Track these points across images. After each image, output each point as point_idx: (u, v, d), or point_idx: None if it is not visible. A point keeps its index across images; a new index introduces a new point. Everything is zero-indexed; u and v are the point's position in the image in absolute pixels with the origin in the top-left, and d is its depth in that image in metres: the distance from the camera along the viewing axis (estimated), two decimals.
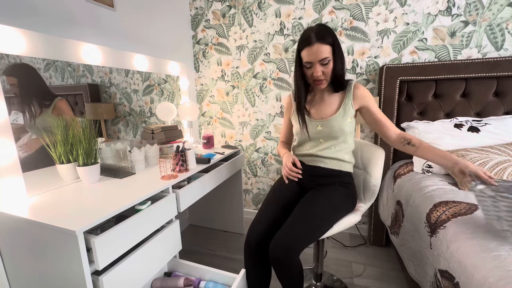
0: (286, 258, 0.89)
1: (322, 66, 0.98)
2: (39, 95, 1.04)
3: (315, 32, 0.96)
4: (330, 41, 0.95)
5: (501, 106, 1.44)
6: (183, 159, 1.21)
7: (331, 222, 0.99)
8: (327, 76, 1.00)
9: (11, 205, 0.85)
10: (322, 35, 0.95)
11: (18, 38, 0.88)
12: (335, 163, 1.08)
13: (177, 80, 1.85)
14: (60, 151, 1.00)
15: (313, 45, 0.95)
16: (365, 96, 1.06)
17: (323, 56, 0.95)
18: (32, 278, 0.83)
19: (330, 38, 0.95)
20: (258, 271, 1.03)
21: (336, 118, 1.05)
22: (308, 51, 0.97)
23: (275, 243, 0.91)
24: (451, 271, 0.77)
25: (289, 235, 0.91)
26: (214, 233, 2.01)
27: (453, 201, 1.01)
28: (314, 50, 0.95)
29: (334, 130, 1.05)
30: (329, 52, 0.96)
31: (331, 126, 1.06)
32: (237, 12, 1.91)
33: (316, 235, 0.95)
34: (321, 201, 1.00)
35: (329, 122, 1.06)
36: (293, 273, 0.93)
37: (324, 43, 0.95)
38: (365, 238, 1.83)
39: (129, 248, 0.85)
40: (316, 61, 0.96)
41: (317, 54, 0.95)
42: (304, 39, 0.98)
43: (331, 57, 0.97)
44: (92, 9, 1.26)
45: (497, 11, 1.42)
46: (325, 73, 0.99)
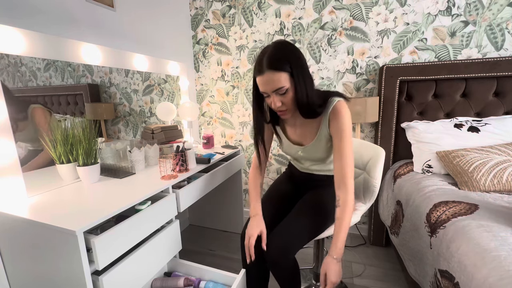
0: (282, 259, 0.89)
1: (279, 96, 0.83)
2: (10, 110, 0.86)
3: (267, 56, 0.80)
4: (286, 67, 0.79)
5: (501, 106, 1.44)
6: (183, 159, 1.21)
7: (326, 223, 0.99)
8: (288, 105, 0.86)
9: (11, 205, 0.85)
10: (275, 61, 0.79)
11: (18, 38, 0.88)
12: (327, 172, 1.08)
13: (177, 80, 1.85)
14: (60, 151, 1.00)
15: (263, 73, 0.80)
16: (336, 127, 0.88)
17: (276, 86, 0.80)
18: (32, 278, 0.83)
19: (286, 63, 0.79)
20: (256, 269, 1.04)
21: (313, 145, 0.98)
22: (260, 80, 0.83)
23: (271, 243, 0.91)
24: (451, 271, 0.77)
25: (284, 237, 0.91)
26: (214, 233, 2.01)
27: (453, 201, 1.01)
28: (265, 79, 0.81)
29: (314, 156, 1.01)
30: (285, 80, 0.80)
31: (311, 153, 1.00)
32: (237, 12, 1.91)
33: (311, 236, 0.96)
34: (315, 203, 1.00)
35: (307, 149, 1.00)
36: (290, 273, 0.94)
37: (278, 71, 0.79)
38: (365, 238, 1.83)
39: (129, 248, 0.85)
40: (270, 91, 0.82)
41: (270, 84, 0.81)
42: (256, 65, 0.83)
43: (288, 86, 0.81)
44: (92, 9, 1.26)
45: (497, 11, 1.42)
46: (285, 103, 0.85)
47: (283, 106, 0.86)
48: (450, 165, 1.25)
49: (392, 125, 1.59)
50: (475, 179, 1.13)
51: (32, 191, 0.94)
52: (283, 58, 0.80)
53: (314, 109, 0.87)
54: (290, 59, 0.80)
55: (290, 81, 0.81)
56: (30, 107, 1.02)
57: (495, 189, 1.10)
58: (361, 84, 1.73)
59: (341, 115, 0.87)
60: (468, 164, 1.18)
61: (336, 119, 0.87)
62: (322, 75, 1.80)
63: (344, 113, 0.87)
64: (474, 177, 1.13)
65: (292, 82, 0.81)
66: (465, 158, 1.22)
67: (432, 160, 1.36)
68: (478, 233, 0.79)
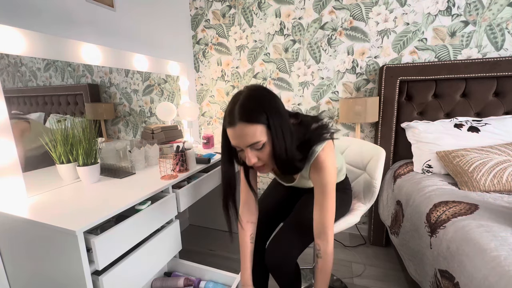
0: (283, 265, 0.89)
1: (255, 151, 0.71)
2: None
3: (240, 106, 0.67)
4: (262, 118, 0.67)
5: (501, 106, 1.44)
6: (183, 159, 1.21)
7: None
8: (266, 160, 0.73)
9: (11, 205, 0.85)
10: (249, 112, 0.67)
11: (18, 38, 0.88)
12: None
13: (177, 80, 1.85)
14: (60, 151, 1.00)
15: (235, 126, 0.67)
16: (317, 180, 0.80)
17: (251, 141, 0.68)
18: (32, 278, 0.83)
19: (262, 113, 0.67)
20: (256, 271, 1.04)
21: (298, 182, 0.94)
22: (232, 134, 0.70)
23: (270, 250, 0.90)
24: (451, 271, 0.77)
25: (284, 242, 0.90)
26: (214, 233, 2.01)
27: (453, 201, 1.01)
28: (238, 133, 0.68)
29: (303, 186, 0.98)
30: (261, 134, 0.67)
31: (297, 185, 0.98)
32: (237, 12, 1.91)
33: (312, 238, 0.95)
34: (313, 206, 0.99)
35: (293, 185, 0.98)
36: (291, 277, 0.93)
37: (252, 123, 0.66)
38: (365, 238, 1.83)
39: (129, 248, 0.85)
40: (244, 146, 0.70)
41: (243, 138, 0.68)
42: (226, 115, 0.70)
43: (265, 139, 0.69)
44: (92, 9, 1.26)
45: (497, 11, 1.42)
46: (262, 158, 0.73)
47: (259, 162, 0.74)
48: (450, 165, 1.26)
49: (392, 125, 1.59)
50: (475, 179, 1.13)
51: (32, 191, 0.94)
52: (258, 108, 0.67)
53: (294, 165, 0.76)
54: (266, 108, 0.67)
55: (267, 134, 0.69)
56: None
57: (495, 189, 1.10)
58: (361, 84, 1.73)
59: (323, 169, 0.77)
60: (468, 164, 1.18)
61: (318, 172, 0.78)
62: (322, 75, 1.80)
63: (326, 165, 0.77)
64: (474, 177, 1.13)
65: (269, 135, 0.69)
66: (465, 158, 1.22)
67: (432, 160, 1.36)
68: (478, 233, 0.79)
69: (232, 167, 0.82)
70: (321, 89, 1.82)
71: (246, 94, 0.70)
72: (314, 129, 0.79)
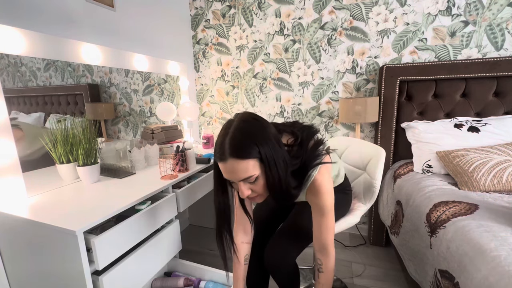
0: (282, 266, 0.89)
1: (248, 184, 0.68)
2: None
3: (230, 140, 0.63)
4: (254, 152, 0.63)
5: (501, 106, 1.44)
6: (183, 159, 1.21)
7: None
8: (260, 191, 0.71)
9: (11, 205, 0.85)
10: (240, 147, 0.63)
11: (18, 38, 0.88)
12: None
13: (177, 80, 1.85)
14: (60, 151, 1.00)
15: (226, 161, 0.64)
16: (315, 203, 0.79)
17: (243, 176, 0.65)
18: (32, 278, 0.83)
19: (253, 147, 0.63)
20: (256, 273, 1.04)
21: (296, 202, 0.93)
22: (223, 168, 0.67)
23: (268, 253, 0.91)
24: (451, 271, 0.77)
25: (282, 245, 0.90)
26: (214, 233, 2.00)
27: (453, 201, 1.01)
28: (229, 168, 0.65)
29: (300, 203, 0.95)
30: (253, 168, 0.64)
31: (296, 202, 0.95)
32: (237, 12, 1.91)
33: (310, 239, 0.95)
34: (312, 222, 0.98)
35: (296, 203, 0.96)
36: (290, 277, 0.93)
37: (244, 159, 0.63)
38: (365, 238, 1.83)
39: (129, 248, 0.85)
40: (237, 180, 0.67)
41: (235, 174, 0.65)
42: (217, 148, 0.66)
43: (258, 173, 0.66)
44: (92, 9, 1.26)
45: (497, 11, 1.42)
46: (256, 190, 0.70)
47: (253, 193, 0.71)
48: (450, 165, 1.25)
49: (392, 125, 1.59)
50: (475, 179, 1.13)
51: (32, 191, 0.94)
52: (249, 142, 0.64)
53: (290, 193, 0.73)
54: (258, 141, 0.64)
55: (260, 167, 0.66)
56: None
57: (495, 189, 1.10)
58: (361, 84, 1.73)
59: (320, 193, 0.75)
60: (468, 164, 1.18)
61: (315, 196, 0.77)
62: (322, 75, 1.80)
63: (323, 189, 0.75)
64: (474, 177, 1.13)
65: (262, 168, 0.66)
66: (465, 158, 1.21)
67: (432, 160, 1.36)
68: (478, 233, 0.79)
69: (225, 196, 0.78)
70: (321, 89, 1.82)
71: (236, 127, 0.66)
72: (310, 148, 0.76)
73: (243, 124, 0.67)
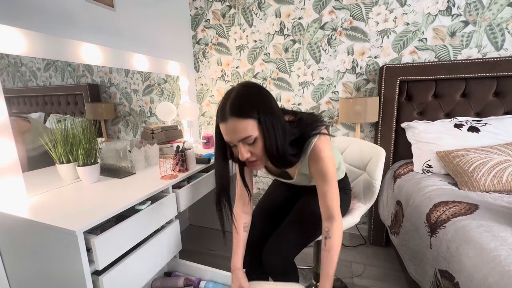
0: (281, 266, 0.90)
1: (247, 145, 0.72)
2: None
3: (231, 102, 0.69)
4: (253, 114, 0.68)
5: (501, 106, 1.44)
6: (183, 159, 1.21)
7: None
8: (259, 156, 0.74)
9: (11, 205, 0.85)
10: (241, 107, 0.68)
11: (18, 38, 0.88)
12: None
13: (177, 80, 1.85)
14: (60, 151, 1.00)
15: (227, 121, 0.69)
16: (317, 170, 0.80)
17: (242, 136, 0.69)
18: (32, 278, 0.83)
19: (253, 108, 0.68)
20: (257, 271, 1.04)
21: (297, 179, 0.93)
22: (224, 129, 0.71)
23: (268, 251, 0.91)
24: (451, 271, 0.77)
25: (282, 243, 0.90)
26: (214, 233, 2.01)
27: (453, 201, 1.01)
28: (230, 128, 0.70)
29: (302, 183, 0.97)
30: (252, 129, 0.69)
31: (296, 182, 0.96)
32: (237, 12, 1.91)
33: (309, 239, 0.95)
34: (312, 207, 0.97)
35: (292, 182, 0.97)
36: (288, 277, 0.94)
37: (243, 118, 0.68)
38: (365, 238, 1.83)
39: (129, 248, 0.85)
40: (236, 140, 0.71)
41: (235, 133, 0.70)
42: (219, 110, 0.72)
43: (257, 134, 0.70)
44: (92, 9, 1.26)
45: (497, 11, 1.42)
46: (255, 153, 0.73)
47: (252, 157, 0.74)
48: (450, 165, 1.26)
49: (392, 125, 1.59)
50: (475, 179, 1.13)
51: (32, 191, 0.94)
52: (249, 103, 0.69)
53: (286, 159, 0.76)
54: (257, 104, 0.69)
55: (258, 129, 0.70)
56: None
57: (495, 189, 1.10)
58: (361, 84, 1.73)
59: (320, 158, 0.77)
60: (468, 164, 1.18)
61: (316, 163, 0.79)
62: (322, 75, 1.80)
63: (324, 154, 0.77)
64: (474, 177, 1.13)
65: (260, 130, 0.70)
66: (465, 158, 1.21)
67: (432, 160, 1.36)
68: (478, 233, 0.79)
69: (226, 164, 0.82)
70: (321, 89, 1.82)
71: (238, 91, 0.71)
72: (310, 123, 0.80)
73: (245, 89, 0.72)
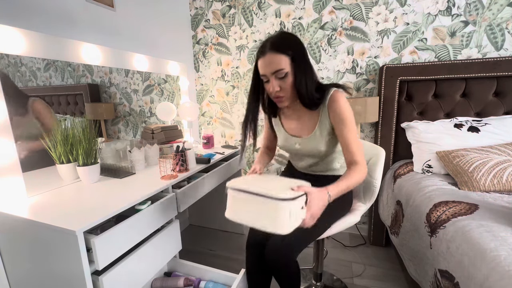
0: (283, 263, 0.89)
1: (278, 80, 0.84)
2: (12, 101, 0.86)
3: (271, 40, 0.83)
4: (289, 52, 0.81)
5: (501, 106, 1.44)
6: (183, 159, 1.21)
7: (326, 224, 0.98)
8: (287, 92, 0.86)
9: (11, 205, 0.85)
10: (278, 44, 0.82)
11: (18, 38, 0.88)
12: (326, 171, 1.06)
13: (177, 80, 1.85)
14: (60, 151, 1.00)
15: (265, 54, 0.82)
16: (335, 116, 0.88)
17: (276, 68, 0.81)
18: (32, 278, 0.83)
19: (288, 48, 0.82)
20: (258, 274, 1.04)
21: (312, 137, 0.96)
22: (261, 63, 0.84)
23: (270, 247, 0.91)
24: (451, 271, 0.77)
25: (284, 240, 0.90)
26: (214, 233, 2.01)
27: (453, 201, 1.01)
28: (266, 61, 0.83)
29: (312, 150, 0.97)
30: (285, 63, 0.81)
31: (308, 146, 0.97)
32: (237, 12, 1.91)
33: (311, 238, 0.95)
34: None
35: (305, 141, 0.98)
36: (291, 275, 0.93)
37: (279, 53, 0.81)
38: (365, 238, 1.83)
39: (129, 248, 0.85)
40: (269, 73, 0.83)
41: (270, 66, 0.82)
42: (259, 48, 0.86)
43: (289, 70, 0.82)
44: (92, 9, 1.26)
45: (497, 11, 1.42)
46: (284, 88, 0.85)
47: (281, 92, 0.86)
48: (450, 165, 1.26)
49: (392, 125, 1.59)
50: (475, 179, 1.13)
51: (32, 191, 0.94)
52: (286, 42, 0.83)
53: (313, 98, 0.88)
54: (292, 46, 0.83)
55: (290, 66, 0.82)
56: (30, 100, 0.97)
57: (495, 189, 1.10)
58: (361, 84, 1.73)
59: (339, 104, 0.87)
60: (468, 164, 1.18)
61: (335, 108, 0.87)
62: (322, 75, 1.80)
63: (341, 101, 0.87)
64: (474, 177, 1.13)
65: (292, 67, 0.82)
66: (465, 158, 1.22)
67: (432, 160, 1.36)
68: (478, 233, 0.79)
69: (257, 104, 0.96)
70: None
71: (279, 32, 0.86)
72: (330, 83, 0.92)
73: (283, 33, 0.86)
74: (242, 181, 0.81)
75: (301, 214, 0.71)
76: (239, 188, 0.76)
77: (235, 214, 0.78)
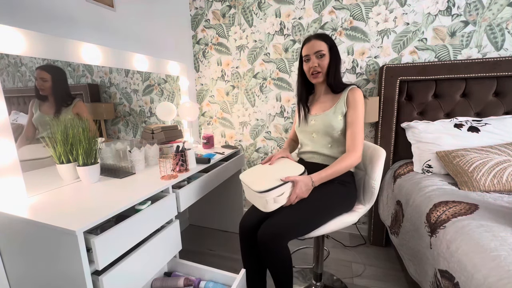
0: (273, 244, 0.92)
1: (317, 59, 1.09)
2: (64, 94, 1.14)
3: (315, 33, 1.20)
4: (328, 41, 1.09)
5: (501, 106, 1.44)
6: (183, 159, 1.21)
7: (324, 217, 1.00)
8: (323, 68, 1.09)
9: (11, 205, 0.85)
10: (321, 35, 1.11)
11: (18, 38, 0.88)
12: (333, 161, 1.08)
13: (177, 80, 1.85)
14: (60, 151, 1.00)
15: (310, 40, 1.10)
16: (351, 101, 1.08)
17: (318, 49, 1.07)
18: (32, 278, 0.83)
19: (328, 39, 1.09)
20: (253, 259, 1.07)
21: (327, 114, 1.12)
22: (306, 46, 1.11)
23: (263, 228, 0.95)
24: (451, 271, 0.77)
25: (278, 222, 0.94)
26: (214, 233, 2.01)
27: (453, 201, 1.01)
28: (311, 44, 1.09)
29: (324, 124, 1.12)
30: (325, 48, 1.08)
31: (322, 120, 1.13)
32: (237, 12, 1.91)
33: (307, 227, 0.97)
34: (316, 196, 1.00)
35: (320, 117, 1.14)
36: (280, 259, 0.95)
37: (321, 40, 1.08)
38: (365, 238, 1.83)
39: (129, 248, 0.85)
40: (312, 53, 1.09)
41: (313, 47, 1.08)
42: (306, 38, 1.13)
43: (326, 53, 1.08)
44: (92, 9, 1.26)
45: (497, 11, 1.42)
46: (321, 65, 1.09)
47: (318, 68, 1.09)
48: (450, 165, 1.26)
49: (392, 125, 1.59)
50: (475, 179, 1.13)
51: (32, 191, 0.94)
52: (326, 36, 1.10)
53: (340, 85, 1.12)
54: (330, 39, 1.10)
55: (328, 51, 1.08)
56: (77, 99, 1.19)
57: (495, 189, 1.10)
58: (361, 84, 1.73)
59: (358, 95, 1.07)
60: (468, 164, 1.18)
61: (354, 97, 1.07)
62: None
63: (360, 95, 1.08)
64: (474, 177, 1.13)
65: (329, 53, 1.08)
66: (465, 158, 1.22)
67: (432, 160, 1.36)
68: (478, 233, 0.79)
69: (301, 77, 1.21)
70: None
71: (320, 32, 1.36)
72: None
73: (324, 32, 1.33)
74: (248, 171, 1.12)
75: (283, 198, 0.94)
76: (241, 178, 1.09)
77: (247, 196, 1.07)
